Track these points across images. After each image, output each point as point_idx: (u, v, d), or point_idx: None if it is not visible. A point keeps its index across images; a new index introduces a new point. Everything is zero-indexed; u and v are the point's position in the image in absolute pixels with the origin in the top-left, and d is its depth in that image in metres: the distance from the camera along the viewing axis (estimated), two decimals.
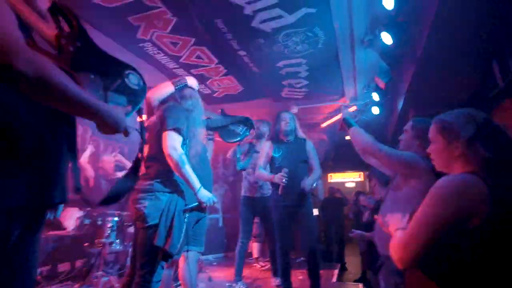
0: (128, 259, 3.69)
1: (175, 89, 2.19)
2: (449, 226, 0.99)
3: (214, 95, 4.95)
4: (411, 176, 1.66)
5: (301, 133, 3.29)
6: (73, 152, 1.00)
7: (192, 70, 4.22)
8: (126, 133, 1.03)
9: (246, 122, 2.85)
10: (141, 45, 3.57)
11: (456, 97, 4.14)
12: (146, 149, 1.97)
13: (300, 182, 3.00)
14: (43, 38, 0.95)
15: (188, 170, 1.94)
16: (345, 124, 2.07)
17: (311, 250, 2.98)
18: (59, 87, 0.76)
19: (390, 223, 1.23)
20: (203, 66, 4.14)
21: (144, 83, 1.14)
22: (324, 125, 6.19)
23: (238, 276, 3.64)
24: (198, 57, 3.90)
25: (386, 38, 3.22)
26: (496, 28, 2.75)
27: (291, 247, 3.05)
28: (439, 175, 1.55)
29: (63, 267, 3.87)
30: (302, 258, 4.95)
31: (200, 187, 2.02)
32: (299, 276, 3.92)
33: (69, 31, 1.00)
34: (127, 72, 1.10)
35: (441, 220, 1.00)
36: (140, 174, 1.83)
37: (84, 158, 4.11)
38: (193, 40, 3.56)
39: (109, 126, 0.93)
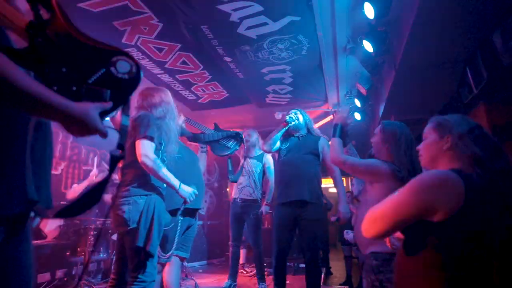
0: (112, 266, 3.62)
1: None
2: (415, 215, 1.05)
3: (199, 101, 4.96)
4: (375, 181, 1.73)
5: (316, 131, 3.09)
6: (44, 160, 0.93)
7: (177, 76, 4.23)
8: (103, 135, 0.90)
9: (237, 137, 3.08)
10: (126, 50, 3.54)
11: (435, 102, 4.32)
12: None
13: (306, 174, 2.72)
14: (14, 30, 0.85)
15: (165, 172, 2.00)
16: (332, 130, 2.04)
17: (309, 258, 2.65)
18: (8, 80, 0.70)
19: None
20: (188, 72, 4.16)
21: (136, 70, 0.98)
22: None
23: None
24: (184, 62, 3.92)
25: (367, 46, 3.35)
26: (470, 37, 2.92)
27: (287, 252, 2.75)
28: (402, 179, 1.62)
29: (43, 277, 3.73)
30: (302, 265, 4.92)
31: (179, 185, 2.09)
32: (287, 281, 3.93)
33: (42, 20, 0.88)
34: (115, 59, 0.96)
35: (408, 207, 1.05)
36: (118, 182, 1.85)
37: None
38: (178, 46, 3.58)
39: (77, 126, 0.83)
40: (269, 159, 3.90)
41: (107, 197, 4.07)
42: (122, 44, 3.43)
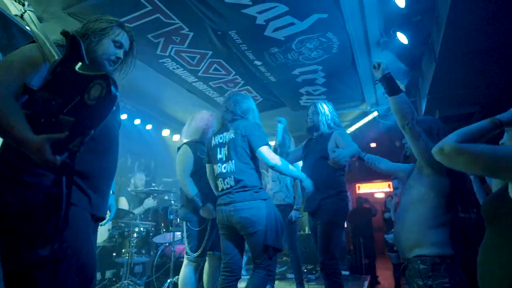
0: (153, 269, 3.78)
1: None
2: None
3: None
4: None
5: (329, 126, 2.72)
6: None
7: (210, 83, 4.36)
8: (52, 164, 0.97)
9: None
10: (161, 61, 3.75)
11: (485, 94, 3.95)
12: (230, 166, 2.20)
13: (318, 182, 2.43)
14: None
15: (291, 167, 2.24)
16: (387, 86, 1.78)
17: (321, 263, 2.44)
18: None
19: None
20: (221, 79, 4.27)
21: (106, 94, 0.96)
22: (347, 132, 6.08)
23: None
24: (216, 69, 4.03)
25: (402, 38, 3.18)
26: None
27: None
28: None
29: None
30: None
31: (305, 176, 2.32)
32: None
33: (59, 58, 1.09)
34: (91, 84, 0.97)
35: None
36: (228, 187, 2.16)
37: None
38: (209, 53, 3.69)
39: (31, 154, 0.97)
40: (297, 163, 3.82)
41: (149, 202, 4.29)
42: (157, 55, 3.63)
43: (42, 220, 1.04)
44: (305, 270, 4.83)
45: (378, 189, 10.36)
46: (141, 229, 3.94)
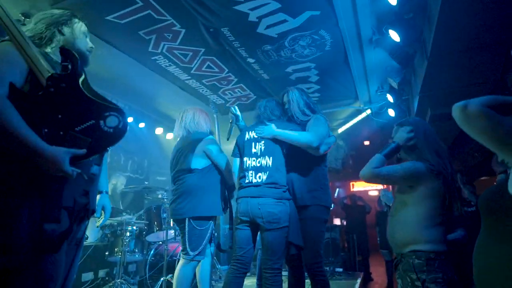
0: (147, 267, 3.76)
1: None
2: None
3: (227, 104, 5.03)
4: (417, 185, 1.64)
5: (304, 113, 2.43)
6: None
7: (203, 80, 4.34)
8: (69, 176, 1.06)
9: None
10: (153, 58, 3.72)
11: (476, 91, 3.97)
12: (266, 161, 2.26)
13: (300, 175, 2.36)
14: (40, 80, 1.11)
15: None
16: (385, 147, 1.85)
17: (304, 259, 2.33)
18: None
19: None
20: (214, 76, 4.25)
21: (122, 126, 1.15)
22: (340, 130, 6.10)
23: None
24: (209, 67, 4.01)
25: (394, 35, 3.18)
26: (510, 14, 2.64)
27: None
28: (438, 174, 1.57)
29: (87, 276, 3.97)
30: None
31: None
32: None
33: (65, 73, 1.15)
34: (107, 114, 1.14)
35: None
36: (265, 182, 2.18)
37: None
38: (202, 50, 3.67)
39: (44, 164, 1.02)
40: None
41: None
42: (149, 52, 3.60)
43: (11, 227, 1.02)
44: None
45: (372, 187, 10.43)
46: (134, 227, 3.91)
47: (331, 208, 2.40)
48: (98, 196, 1.58)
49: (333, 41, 3.50)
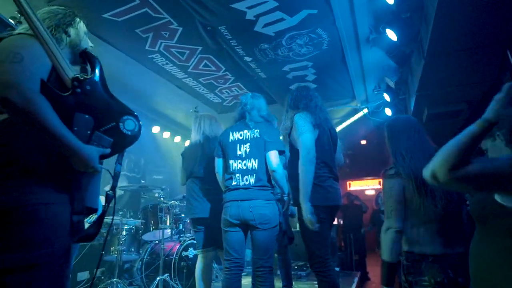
0: (143, 267, 3.75)
1: None
2: None
3: (224, 103, 5.02)
4: None
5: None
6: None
7: (200, 79, 4.32)
8: (95, 171, 1.15)
9: None
10: (150, 56, 3.70)
11: (473, 91, 3.99)
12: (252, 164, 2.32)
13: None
14: (64, 79, 1.14)
15: None
16: None
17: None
18: (39, 119, 0.97)
19: None
20: (211, 75, 4.23)
21: (138, 130, 1.26)
22: (337, 130, 6.10)
23: None
24: (206, 65, 4.00)
25: (391, 34, 3.18)
26: (507, 14, 2.65)
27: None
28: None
29: (83, 275, 3.94)
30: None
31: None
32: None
33: (88, 75, 1.20)
34: (125, 117, 1.24)
35: None
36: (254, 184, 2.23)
37: None
38: (199, 48, 3.66)
39: (79, 162, 1.08)
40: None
41: None
42: (146, 50, 3.58)
43: (40, 224, 1.02)
44: (295, 267, 4.84)
45: (369, 186, 10.47)
46: (130, 226, 3.89)
47: (327, 206, 2.15)
48: None
49: (330, 40, 3.50)
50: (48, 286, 1.02)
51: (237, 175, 2.23)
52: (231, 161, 2.29)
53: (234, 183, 2.23)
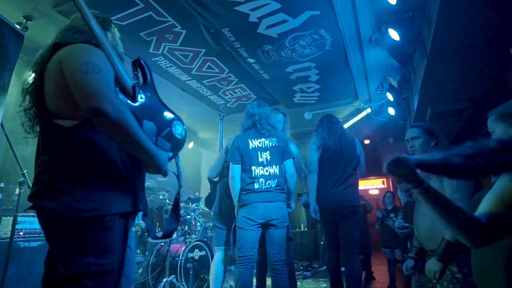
0: (149, 268, 3.77)
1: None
2: None
3: (228, 105, 5.04)
4: None
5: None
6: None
7: (204, 81, 4.35)
8: (165, 175, 1.16)
9: None
10: (154, 59, 3.73)
11: (476, 89, 3.99)
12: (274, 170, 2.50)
13: None
14: (125, 88, 1.14)
15: None
16: None
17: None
18: (129, 129, 0.99)
19: None
20: (215, 76, 4.26)
21: (186, 134, 1.31)
22: None
23: None
24: (209, 67, 4.03)
25: (393, 34, 3.20)
26: (509, 12, 2.66)
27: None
28: None
29: None
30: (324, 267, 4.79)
31: None
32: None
33: (143, 82, 1.22)
34: (175, 122, 1.27)
35: None
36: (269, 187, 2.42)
37: None
38: (203, 51, 3.68)
39: (154, 167, 1.10)
40: None
41: None
42: (149, 53, 3.61)
43: (113, 231, 1.05)
44: (301, 267, 4.86)
45: (373, 186, 10.44)
46: (136, 228, 3.92)
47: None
48: None
49: (333, 41, 3.52)
50: None
51: (260, 180, 2.41)
52: (253, 167, 2.44)
53: (256, 186, 2.40)
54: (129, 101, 1.11)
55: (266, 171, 2.42)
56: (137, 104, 1.13)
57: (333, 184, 2.72)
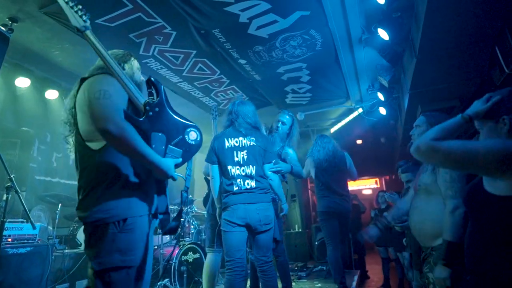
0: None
1: None
2: None
3: (220, 106, 5.03)
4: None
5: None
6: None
7: (195, 83, 4.33)
8: (173, 179, 1.38)
9: None
10: (144, 61, 3.70)
11: (464, 88, 4.05)
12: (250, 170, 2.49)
13: None
14: (137, 106, 1.36)
15: None
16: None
17: None
18: (131, 144, 1.20)
19: None
20: (206, 78, 4.24)
21: (201, 139, 1.48)
22: (333, 130, 6.14)
23: None
24: (200, 69, 4.01)
25: (383, 34, 3.22)
26: (495, 12, 2.70)
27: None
28: None
29: (81, 284, 3.89)
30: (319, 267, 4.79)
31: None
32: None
33: (154, 99, 1.41)
34: (189, 129, 1.46)
35: None
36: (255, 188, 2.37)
37: None
38: (193, 52, 3.66)
39: (160, 173, 1.32)
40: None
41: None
42: (140, 55, 3.57)
43: (134, 233, 1.25)
44: (295, 268, 4.85)
45: (366, 186, 10.51)
46: None
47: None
48: None
49: (323, 41, 3.53)
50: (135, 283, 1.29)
51: (238, 180, 2.31)
52: (229, 167, 2.35)
53: (236, 187, 2.31)
54: (140, 119, 1.31)
55: (243, 171, 2.32)
56: (146, 119, 1.33)
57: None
